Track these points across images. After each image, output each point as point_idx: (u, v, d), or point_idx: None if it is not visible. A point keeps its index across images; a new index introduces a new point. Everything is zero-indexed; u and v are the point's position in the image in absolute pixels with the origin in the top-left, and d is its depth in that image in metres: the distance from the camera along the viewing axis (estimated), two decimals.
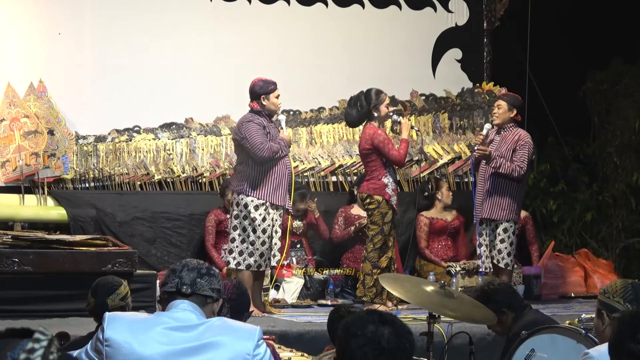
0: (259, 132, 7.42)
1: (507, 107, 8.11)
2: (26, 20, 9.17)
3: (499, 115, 8.14)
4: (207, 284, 3.36)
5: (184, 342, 3.23)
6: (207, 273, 3.38)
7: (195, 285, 3.34)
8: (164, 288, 3.39)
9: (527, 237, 9.56)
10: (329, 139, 9.91)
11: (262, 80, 7.56)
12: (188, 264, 3.39)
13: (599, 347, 3.54)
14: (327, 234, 9.15)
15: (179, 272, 3.36)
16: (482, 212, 8.11)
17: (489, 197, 8.08)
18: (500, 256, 8.07)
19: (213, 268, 3.46)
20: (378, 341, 2.62)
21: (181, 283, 3.33)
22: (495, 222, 8.10)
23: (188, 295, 3.33)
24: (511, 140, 8.07)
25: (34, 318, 6.94)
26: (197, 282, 3.34)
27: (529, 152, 8.05)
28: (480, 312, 4.62)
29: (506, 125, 8.13)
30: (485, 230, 8.17)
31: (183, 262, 3.42)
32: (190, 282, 3.33)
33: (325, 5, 10.02)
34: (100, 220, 8.87)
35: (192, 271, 3.36)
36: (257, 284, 7.66)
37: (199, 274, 3.36)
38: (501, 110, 8.13)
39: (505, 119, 8.12)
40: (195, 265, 3.39)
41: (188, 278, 3.34)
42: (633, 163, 10.60)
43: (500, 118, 8.14)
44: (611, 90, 10.84)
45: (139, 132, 9.45)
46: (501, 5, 10.45)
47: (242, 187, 7.50)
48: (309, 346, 5.90)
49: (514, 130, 8.13)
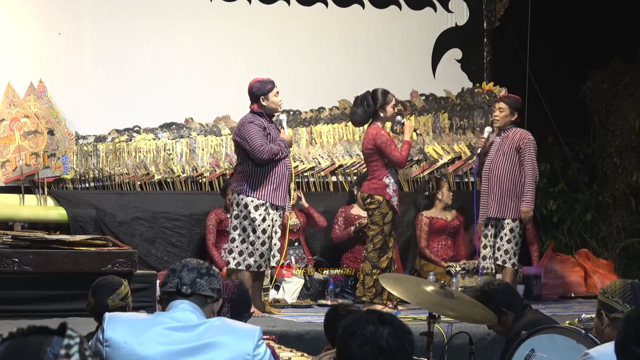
0: (258, 133, 7.40)
1: (509, 111, 8.13)
2: (26, 20, 9.17)
3: (500, 118, 8.16)
4: (207, 284, 3.35)
5: (184, 342, 3.23)
6: (207, 273, 3.37)
7: (195, 285, 3.33)
8: (163, 288, 3.38)
9: (527, 237, 9.54)
10: (329, 139, 9.91)
11: (259, 80, 7.53)
12: (188, 264, 3.38)
13: (599, 347, 3.54)
14: (324, 222, 9.13)
15: (179, 272, 3.35)
16: (488, 211, 8.11)
17: (494, 197, 8.08)
18: (507, 256, 8.07)
19: (213, 268, 3.45)
20: (377, 341, 2.62)
21: (181, 283, 3.33)
22: (501, 222, 8.11)
23: (188, 295, 3.33)
24: (512, 139, 8.09)
25: (34, 318, 6.93)
26: (197, 282, 3.33)
27: (534, 151, 8.09)
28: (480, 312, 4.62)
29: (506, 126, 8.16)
30: (490, 231, 8.17)
31: (183, 262, 3.41)
32: (190, 282, 3.33)
33: (325, 5, 10.02)
34: (100, 220, 8.87)
35: (192, 271, 3.35)
36: (257, 284, 7.66)
37: (199, 274, 3.35)
38: (503, 113, 8.14)
39: (506, 122, 8.14)
40: (195, 265, 3.38)
41: (188, 278, 3.34)
42: (633, 163, 10.60)
43: (501, 121, 8.16)
44: (611, 90, 10.84)
45: (139, 132, 9.45)
46: (501, 5, 10.45)
47: (242, 188, 7.50)
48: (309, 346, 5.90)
49: (513, 129, 8.15)
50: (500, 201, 8.07)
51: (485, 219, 8.17)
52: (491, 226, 8.17)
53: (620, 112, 10.73)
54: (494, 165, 8.14)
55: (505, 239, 8.09)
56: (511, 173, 8.08)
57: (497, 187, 8.09)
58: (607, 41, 10.56)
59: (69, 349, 1.76)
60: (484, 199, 8.17)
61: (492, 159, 8.16)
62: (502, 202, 8.07)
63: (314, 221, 9.14)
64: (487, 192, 8.15)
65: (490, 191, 8.12)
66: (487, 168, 8.18)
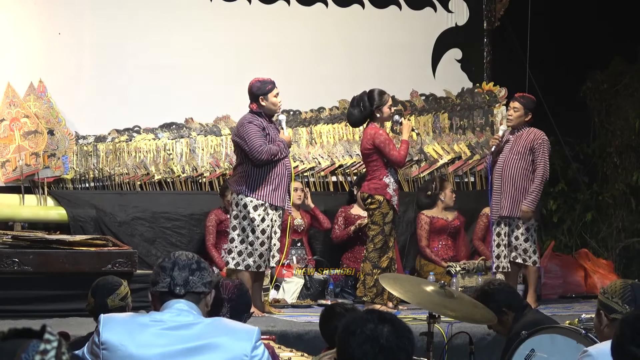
0: (257, 134, 7.39)
1: (523, 111, 8.13)
2: (26, 20, 9.16)
3: (514, 118, 8.15)
4: (199, 279, 3.31)
5: (181, 343, 3.20)
6: (197, 268, 3.32)
7: (188, 284, 3.28)
8: (155, 287, 3.32)
9: None
10: (329, 139, 9.91)
11: (259, 80, 7.52)
12: (178, 262, 3.31)
13: (598, 345, 3.54)
14: (329, 224, 9.14)
15: (170, 271, 3.30)
16: (501, 210, 8.11)
17: (507, 195, 8.08)
18: (526, 255, 8.09)
19: (202, 260, 3.39)
20: (377, 339, 2.63)
21: (174, 284, 3.28)
22: (515, 221, 8.11)
23: (182, 295, 3.29)
24: (526, 139, 8.10)
25: (34, 318, 6.94)
26: (190, 281, 3.29)
27: (548, 151, 8.12)
28: (480, 312, 4.62)
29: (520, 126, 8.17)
30: (503, 230, 8.17)
31: (172, 259, 3.33)
32: (183, 282, 3.28)
33: (325, 5, 10.02)
34: (100, 220, 8.87)
35: (183, 270, 3.29)
36: (257, 284, 7.65)
37: (191, 271, 3.30)
38: (517, 113, 8.14)
39: (520, 122, 8.14)
40: (186, 262, 3.32)
41: (180, 278, 3.28)
42: (633, 163, 10.61)
43: (515, 121, 8.15)
44: (611, 90, 10.84)
45: (139, 132, 9.45)
46: (501, 5, 10.45)
47: (241, 188, 7.49)
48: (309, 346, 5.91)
49: (528, 129, 8.16)
50: (512, 200, 8.08)
51: (497, 217, 8.18)
52: (504, 224, 8.17)
53: (620, 112, 10.73)
54: (507, 164, 8.14)
55: (522, 238, 8.10)
56: (524, 172, 8.09)
57: (510, 186, 8.09)
58: (607, 41, 10.56)
59: (44, 354, 1.73)
60: (496, 197, 8.18)
61: (506, 158, 8.16)
62: (514, 201, 8.07)
63: (318, 222, 9.15)
64: (499, 191, 8.15)
65: (503, 190, 8.12)
66: (499, 167, 8.18)
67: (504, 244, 8.15)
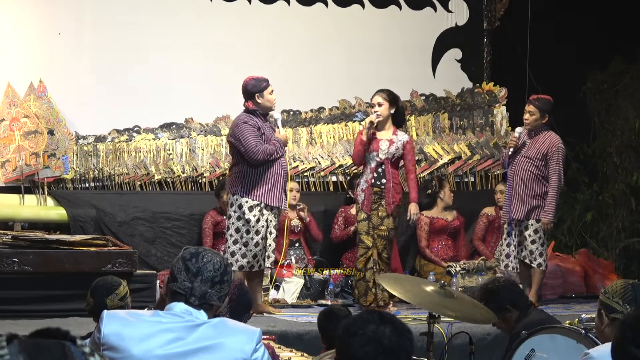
0: (253, 134, 7.32)
1: (539, 114, 8.05)
2: (26, 20, 9.16)
3: (530, 122, 8.06)
4: (217, 293, 3.27)
5: (183, 343, 3.19)
6: (219, 281, 3.27)
7: (204, 298, 3.25)
8: (172, 285, 3.27)
9: None
10: (329, 139, 9.91)
11: (254, 78, 7.46)
12: (203, 272, 3.25)
13: (599, 347, 3.54)
14: (320, 237, 9.14)
15: (192, 278, 3.25)
16: (512, 213, 8.11)
17: (518, 198, 8.08)
18: (532, 257, 8.09)
19: (227, 270, 3.32)
20: (379, 340, 2.63)
21: (191, 294, 3.24)
22: (525, 223, 8.11)
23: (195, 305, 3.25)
24: (541, 144, 8.05)
25: (34, 318, 6.94)
26: (207, 294, 3.25)
27: (563, 158, 8.08)
28: (480, 312, 4.62)
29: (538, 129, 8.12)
30: (514, 230, 8.16)
31: (199, 265, 3.26)
32: (200, 295, 3.25)
33: (325, 5, 10.02)
34: (100, 220, 8.87)
35: (205, 283, 3.24)
36: (257, 284, 7.63)
37: (212, 284, 3.26)
38: (533, 117, 8.05)
39: (537, 125, 8.08)
40: (211, 275, 3.26)
41: (199, 291, 3.24)
42: (633, 163, 10.61)
43: (532, 125, 8.07)
44: (611, 90, 10.84)
45: (139, 132, 9.45)
46: (501, 5, 10.45)
47: (236, 188, 7.44)
48: (309, 346, 5.90)
49: (546, 133, 8.11)
50: (523, 203, 8.07)
51: (508, 218, 8.18)
52: (515, 225, 8.17)
53: (620, 112, 10.73)
54: (519, 167, 8.11)
55: (529, 240, 8.09)
56: (535, 176, 8.05)
57: (521, 189, 8.08)
58: (607, 41, 10.56)
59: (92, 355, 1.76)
60: (508, 199, 8.17)
61: (518, 160, 8.13)
62: (525, 204, 8.06)
63: (310, 233, 9.16)
64: (511, 194, 8.14)
65: (514, 193, 8.11)
66: (512, 170, 8.15)
67: (514, 244, 8.15)
